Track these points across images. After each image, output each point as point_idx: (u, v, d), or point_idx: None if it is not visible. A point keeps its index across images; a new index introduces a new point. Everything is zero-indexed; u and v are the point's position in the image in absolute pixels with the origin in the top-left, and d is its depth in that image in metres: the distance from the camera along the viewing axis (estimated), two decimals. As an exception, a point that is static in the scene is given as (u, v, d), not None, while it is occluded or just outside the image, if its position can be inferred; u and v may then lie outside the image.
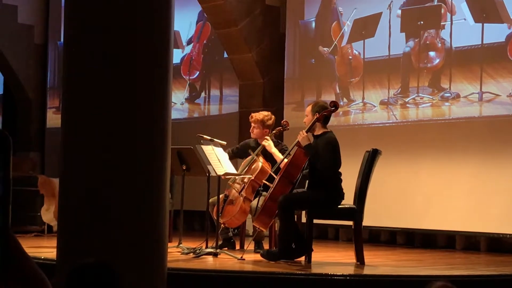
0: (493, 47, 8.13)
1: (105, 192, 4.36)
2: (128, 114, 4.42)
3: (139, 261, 4.38)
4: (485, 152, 8.05)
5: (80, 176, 4.44)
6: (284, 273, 5.83)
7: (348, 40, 9.42)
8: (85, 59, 4.48)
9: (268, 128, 7.44)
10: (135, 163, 4.40)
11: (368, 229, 8.54)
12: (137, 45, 4.46)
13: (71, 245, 4.41)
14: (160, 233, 4.51)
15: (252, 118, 7.49)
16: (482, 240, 8.19)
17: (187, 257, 6.72)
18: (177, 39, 11.17)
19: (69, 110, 4.59)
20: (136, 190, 4.40)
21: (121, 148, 4.39)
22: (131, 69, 4.44)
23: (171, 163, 4.87)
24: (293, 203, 6.48)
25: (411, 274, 6.09)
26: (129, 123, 4.42)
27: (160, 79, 4.54)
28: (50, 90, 13.40)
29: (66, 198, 4.53)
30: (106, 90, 4.41)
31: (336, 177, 6.49)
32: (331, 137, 6.53)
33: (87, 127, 4.44)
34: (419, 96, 8.71)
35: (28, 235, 9.09)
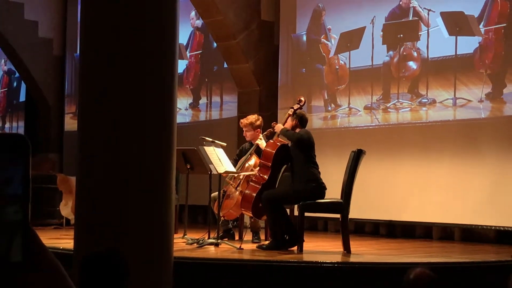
0: (465, 57, 8.14)
1: (117, 189, 4.36)
2: (138, 119, 4.42)
3: (148, 251, 4.38)
4: (458, 152, 8.06)
5: (95, 175, 4.44)
6: (279, 261, 5.83)
7: (335, 52, 9.43)
8: (99, 69, 4.49)
9: (258, 128, 7.47)
10: (145, 162, 4.40)
11: (353, 221, 8.53)
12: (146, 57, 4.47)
13: (87, 236, 4.42)
14: (167, 225, 4.51)
15: (242, 124, 7.55)
16: (456, 230, 8.19)
17: (191, 247, 6.72)
18: (182, 51, 11.17)
19: (84, 115, 4.60)
20: (145, 187, 4.41)
21: (132, 149, 4.39)
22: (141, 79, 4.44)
23: (177, 163, 4.88)
24: (274, 198, 6.52)
25: (392, 261, 6.09)
26: (139, 127, 4.42)
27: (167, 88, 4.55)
28: (67, 97, 13.40)
29: (82, 194, 4.53)
30: (118, 98, 4.42)
31: (314, 170, 6.53)
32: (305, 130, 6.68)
33: (101, 131, 4.44)
34: (399, 101, 8.71)
35: (48, 228, 9.09)
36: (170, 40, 4.58)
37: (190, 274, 5.50)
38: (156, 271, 4.44)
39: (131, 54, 4.43)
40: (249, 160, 7.32)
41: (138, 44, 4.44)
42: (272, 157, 6.64)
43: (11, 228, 0.71)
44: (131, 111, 4.41)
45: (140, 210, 4.37)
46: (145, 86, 4.45)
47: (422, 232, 8.52)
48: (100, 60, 4.49)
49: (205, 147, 7.01)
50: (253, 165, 7.22)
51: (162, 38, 4.53)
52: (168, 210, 4.53)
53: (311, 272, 5.64)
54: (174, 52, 4.60)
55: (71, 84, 13.32)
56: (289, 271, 5.64)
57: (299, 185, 6.51)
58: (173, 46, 4.60)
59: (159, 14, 4.55)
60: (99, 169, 4.42)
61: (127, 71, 4.43)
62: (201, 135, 7.74)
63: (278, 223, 6.49)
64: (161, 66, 4.51)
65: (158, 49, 4.50)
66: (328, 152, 6.55)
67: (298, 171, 6.52)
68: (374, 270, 5.71)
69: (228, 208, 7.21)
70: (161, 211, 4.46)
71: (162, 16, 4.56)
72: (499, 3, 7.88)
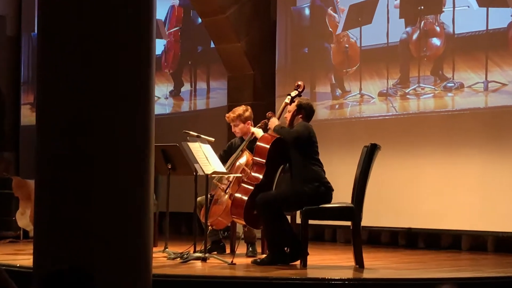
0: (498, 32, 8.15)
1: (84, 195, 4.35)
2: (108, 110, 4.41)
3: (122, 268, 4.37)
4: (491, 146, 8.07)
5: (57, 178, 4.43)
6: (278, 278, 5.83)
7: (344, 27, 9.43)
8: (61, 52, 4.47)
9: (249, 120, 7.49)
10: (117, 162, 4.39)
11: (367, 229, 8.55)
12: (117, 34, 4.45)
13: (49, 251, 4.41)
14: (144, 237, 4.51)
15: (228, 119, 7.56)
16: (489, 239, 8.21)
17: (174, 263, 6.72)
18: (160, 28, 11.16)
19: (44, 106, 4.58)
20: (118, 192, 4.40)
21: (101, 147, 4.38)
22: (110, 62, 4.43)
23: (155, 162, 4.87)
24: (272, 201, 6.49)
25: (414, 277, 6.10)
26: (109, 120, 4.41)
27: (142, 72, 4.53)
28: (24, 85, 13.38)
29: (43, 201, 4.52)
30: (84, 86, 4.41)
31: (316, 168, 6.52)
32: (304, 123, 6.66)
33: (64, 125, 4.43)
34: (420, 86, 8.72)
35: (3, 241, 9.08)
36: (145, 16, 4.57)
37: (172, 295, 5.51)
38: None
39: (99, 33, 4.42)
40: (240, 158, 7.32)
41: (107, 22, 4.43)
42: (267, 152, 6.64)
43: None
44: (100, 101, 4.40)
45: (112, 219, 4.37)
46: (116, 71, 4.43)
47: (448, 241, 8.54)
48: (63, 40, 4.48)
49: (189, 143, 7.01)
50: (245, 163, 7.21)
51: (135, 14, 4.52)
52: (146, 219, 4.52)
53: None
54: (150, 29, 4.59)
55: (28, 69, 13.29)
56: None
57: (299, 185, 6.51)
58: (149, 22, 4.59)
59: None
60: (62, 171, 4.41)
61: (95, 53, 4.41)
62: (185, 128, 7.73)
63: (276, 233, 6.49)
64: (134, 47, 4.50)
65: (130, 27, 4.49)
66: (335, 148, 6.55)
67: (297, 170, 6.52)
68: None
69: (216, 215, 7.22)
70: (137, 220, 4.46)
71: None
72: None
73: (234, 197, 6.74)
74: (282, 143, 6.63)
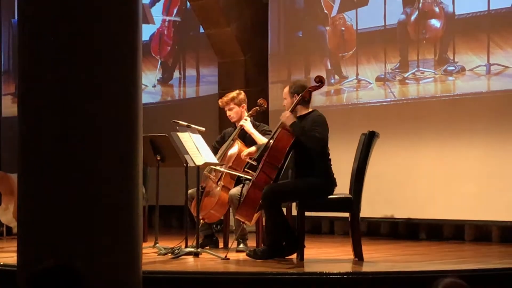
0: (501, 13, 8.15)
1: (69, 188, 4.34)
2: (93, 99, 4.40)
3: (110, 265, 4.37)
4: (494, 132, 8.08)
5: (41, 171, 4.42)
6: (274, 273, 5.84)
7: (339, 10, 9.42)
8: (43, 38, 4.46)
9: (243, 104, 7.47)
10: (102, 154, 4.39)
11: (366, 221, 8.56)
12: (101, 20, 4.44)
13: (33, 248, 4.40)
14: (133, 232, 4.51)
15: (221, 103, 7.54)
16: (493, 229, 8.23)
17: (165, 258, 6.72)
18: (146, 13, 11.14)
19: (26, 97, 4.57)
20: (105, 185, 4.39)
21: (86, 138, 4.37)
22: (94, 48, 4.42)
23: (144, 153, 4.86)
24: (280, 194, 6.47)
25: (415, 270, 6.10)
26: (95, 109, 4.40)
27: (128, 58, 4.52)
28: (4, 74, 13.36)
29: (26, 196, 4.51)
30: (68, 74, 4.39)
31: (325, 161, 6.49)
32: (318, 114, 6.55)
33: (47, 116, 4.42)
34: (420, 70, 8.73)
35: (-16, 239, 9.09)
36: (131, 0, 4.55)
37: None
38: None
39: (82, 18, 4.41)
40: (232, 148, 7.31)
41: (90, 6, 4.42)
42: (283, 158, 6.48)
43: None
44: (84, 90, 4.39)
45: (98, 214, 4.36)
46: (100, 58, 4.42)
47: (451, 232, 8.56)
48: (44, 25, 4.46)
49: (178, 133, 7.00)
50: (237, 153, 7.20)
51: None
52: (134, 213, 4.52)
53: (314, 285, 5.66)
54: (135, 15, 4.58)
55: (8, 58, 13.26)
56: (287, 285, 5.65)
57: (311, 180, 6.44)
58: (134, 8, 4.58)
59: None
60: (46, 164, 4.40)
61: (78, 39, 4.40)
62: (174, 118, 7.72)
63: (278, 225, 6.44)
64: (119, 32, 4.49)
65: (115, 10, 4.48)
66: (332, 135, 6.52)
67: (310, 164, 6.45)
68: (392, 282, 5.72)
69: (208, 208, 7.22)
70: (125, 214, 4.46)
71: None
72: None
73: (247, 195, 6.56)
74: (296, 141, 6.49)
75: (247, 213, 6.61)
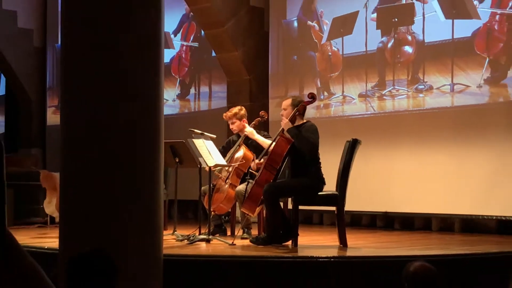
0: (462, 41, 8.15)
1: (103, 185, 4.35)
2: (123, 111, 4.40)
3: (137, 249, 4.37)
4: (457, 140, 8.08)
5: (79, 170, 4.43)
6: (272, 257, 5.83)
7: (328, 38, 9.43)
8: (81, 60, 4.47)
9: (244, 118, 7.46)
10: (131, 156, 4.39)
11: (350, 213, 8.55)
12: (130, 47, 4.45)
13: (73, 235, 4.41)
14: (156, 222, 4.51)
15: (226, 117, 7.53)
16: (456, 221, 8.21)
17: (182, 244, 6.71)
18: (168, 40, 11.15)
19: (67, 108, 4.58)
20: (133, 182, 4.40)
21: (117, 143, 4.38)
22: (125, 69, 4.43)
23: (165, 156, 4.87)
24: (278, 191, 6.47)
25: (390, 255, 6.09)
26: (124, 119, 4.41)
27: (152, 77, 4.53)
28: (49, 90, 13.35)
29: (67, 191, 4.52)
30: (102, 90, 4.40)
31: (316, 164, 6.49)
32: (310, 124, 6.54)
33: (85, 124, 4.43)
34: (395, 88, 8.72)
35: (32, 227, 9.07)
36: (155, 29, 4.56)
37: (180, 272, 5.50)
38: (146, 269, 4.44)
39: (114, 44, 4.41)
40: (238, 152, 7.32)
41: (121, 34, 4.42)
42: (281, 160, 6.47)
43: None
44: (116, 103, 4.40)
45: (128, 206, 4.37)
46: (129, 77, 4.43)
47: (421, 223, 8.54)
48: (82, 50, 4.47)
49: (194, 139, 7.00)
50: (242, 156, 7.21)
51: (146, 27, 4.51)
52: (157, 206, 4.52)
53: (306, 267, 5.65)
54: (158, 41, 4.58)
55: (52, 76, 13.27)
56: (283, 267, 5.64)
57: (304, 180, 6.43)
58: (158, 35, 4.59)
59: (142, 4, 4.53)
60: (83, 164, 4.40)
61: (111, 61, 4.41)
62: (190, 127, 7.72)
63: (276, 217, 6.44)
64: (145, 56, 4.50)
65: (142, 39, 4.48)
66: (322, 142, 6.52)
67: (304, 166, 6.43)
68: (372, 264, 5.72)
69: (218, 202, 7.21)
70: (149, 207, 4.46)
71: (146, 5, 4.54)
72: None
73: (251, 192, 6.54)
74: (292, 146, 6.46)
75: (251, 206, 6.60)
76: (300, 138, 6.39)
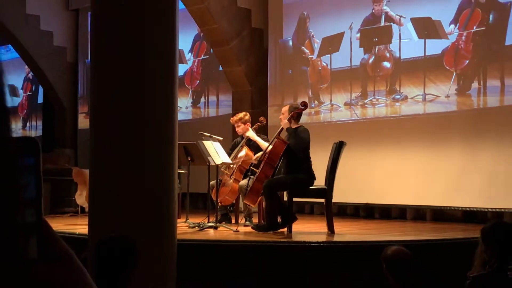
0: (433, 58, 8.14)
1: (126, 180, 4.35)
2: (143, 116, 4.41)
3: (154, 235, 4.37)
4: (428, 142, 8.08)
5: (106, 167, 4.43)
6: (271, 241, 5.83)
7: (318, 54, 9.42)
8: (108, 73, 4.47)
9: (248, 122, 7.45)
10: (150, 156, 4.39)
11: (337, 204, 8.54)
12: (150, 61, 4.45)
13: (100, 222, 4.41)
14: (171, 211, 4.51)
15: (232, 121, 7.53)
16: (428, 211, 8.21)
17: (193, 230, 6.71)
18: (181, 56, 11.15)
19: (95, 114, 4.58)
20: (151, 177, 4.40)
21: (138, 144, 4.38)
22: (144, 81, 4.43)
23: (179, 156, 4.87)
24: (276, 186, 6.47)
25: (372, 240, 6.10)
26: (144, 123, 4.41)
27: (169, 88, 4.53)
28: (80, 99, 13.36)
29: (95, 185, 4.52)
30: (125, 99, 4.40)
31: (308, 161, 6.49)
32: (304, 128, 6.56)
33: (111, 128, 4.43)
34: (375, 98, 8.72)
35: (65, 215, 9.09)
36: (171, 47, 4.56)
37: (192, 254, 5.50)
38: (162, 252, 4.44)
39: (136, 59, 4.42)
40: (241, 151, 7.33)
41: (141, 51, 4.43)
42: (279, 159, 6.46)
43: (27, 230, 0.70)
44: (137, 110, 4.40)
45: (147, 198, 4.37)
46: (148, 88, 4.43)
47: (397, 213, 8.54)
48: (109, 65, 4.47)
49: (203, 141, 7.01)
50: (244, 155, 7.22)
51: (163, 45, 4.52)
52: (172, 197, 4.52)
53: (299, 250, 5.65)
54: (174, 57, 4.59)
55: (83, 87, 13.28)
56: (280, 250, 5.64)
57: (297, 176, 6.43)
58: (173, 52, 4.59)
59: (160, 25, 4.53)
60: (110, 161, 4.40)
61: (132, 74, 4.41)
62: (200, 131, 7.72)
63: (274, 208, 6.44)
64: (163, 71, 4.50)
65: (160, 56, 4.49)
66: (313, 144, 6.53)
67: (298, 164, 6.43)
68: (355, 248, 5.72)
69: (224, 194, 7.22)
70: (165, 198, 4.46)
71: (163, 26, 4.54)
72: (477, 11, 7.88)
73: (253, 186, 6.52)
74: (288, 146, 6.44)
75: (252, 199, 6.61)
76: (294, 137, 6.40)
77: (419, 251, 5.32)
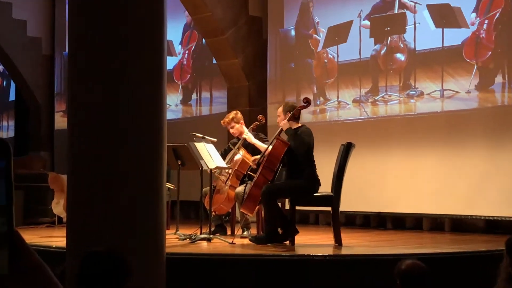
0: (452, 49, 8.16)
1: (109, 187, 4.35)
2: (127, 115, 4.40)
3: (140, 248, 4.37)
4: (447, 143, 8.09)
5: (85, 173, 4.42)
6: (271, 255, 5.83)
7: (324, 46, 9.44)
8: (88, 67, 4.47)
9: (241, 120, 7.44)
10: (135, 159, 4.39)
11: (344, 213, 8.54)
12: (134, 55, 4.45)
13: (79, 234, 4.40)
14: (159, 221, 4.50)
15: (224, 124, 7.50)
16: (446, 221, 8.22)
17: (184, 243, 6.71)
18: (170, 48, 11.16)
19: (74, 113, 4.58)
20: (136, 183, 4.39)
21: (122, 146, 4.38)
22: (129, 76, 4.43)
23: (168, 159, 4.87)
24: (276, 192, 6.47)
25: (383, 253, 6.10)
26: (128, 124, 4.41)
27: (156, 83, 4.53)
28: (57, 95, 13.37)
29: (74, 192, 4.51)
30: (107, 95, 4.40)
31: (312, 165, 6.49)
32: (306, 128, 6.56)
33: (91, 128, 4.43)
34: (388, 94, 8.73)
35: (41, 226, 9.07)
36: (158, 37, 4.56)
37: (183, 270, 5.49)
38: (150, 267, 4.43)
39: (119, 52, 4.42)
40: (237, 154, 7.32)
41: (125, 42, 4.43)
42: (279, 162, 6.47)
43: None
44: (120, 108, 4.40)
45: (131, 207, 4.36)
46: (133, 83, 4.43)
47: (412, 223, 8.55)
48: (89, 57, 4.47)
49: (195, 143, 7.01)
50: (241, 158, 7.21)
51: (149, 35, 4.52)
52: (160, 206, 4.52)
53: (303, 265, 5.65)
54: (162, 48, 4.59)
55: (60, 83, 13.29)
56: (281, 265, 5.64)
57: (300, 182, 6.43)
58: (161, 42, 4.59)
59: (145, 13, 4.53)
60: (90, 166, 4.40)
61: (115, 68, 4.41)
62: (192, 131, 7.72)
63: (274, 217, 6.44)
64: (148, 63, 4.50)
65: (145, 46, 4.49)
66: (317, 145, 6.53)
67: (300, 168, 6.44)
68: (365, 263, 5.72)
69: (218, 203, 7.22)
70: (152, 207, 4.45)
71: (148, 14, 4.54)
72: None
73: (250, 193, 6.53)
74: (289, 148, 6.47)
75: (250, 207, 6.60)
76: (296, 139, 6.41)
77: (437, 265, 5.32)
